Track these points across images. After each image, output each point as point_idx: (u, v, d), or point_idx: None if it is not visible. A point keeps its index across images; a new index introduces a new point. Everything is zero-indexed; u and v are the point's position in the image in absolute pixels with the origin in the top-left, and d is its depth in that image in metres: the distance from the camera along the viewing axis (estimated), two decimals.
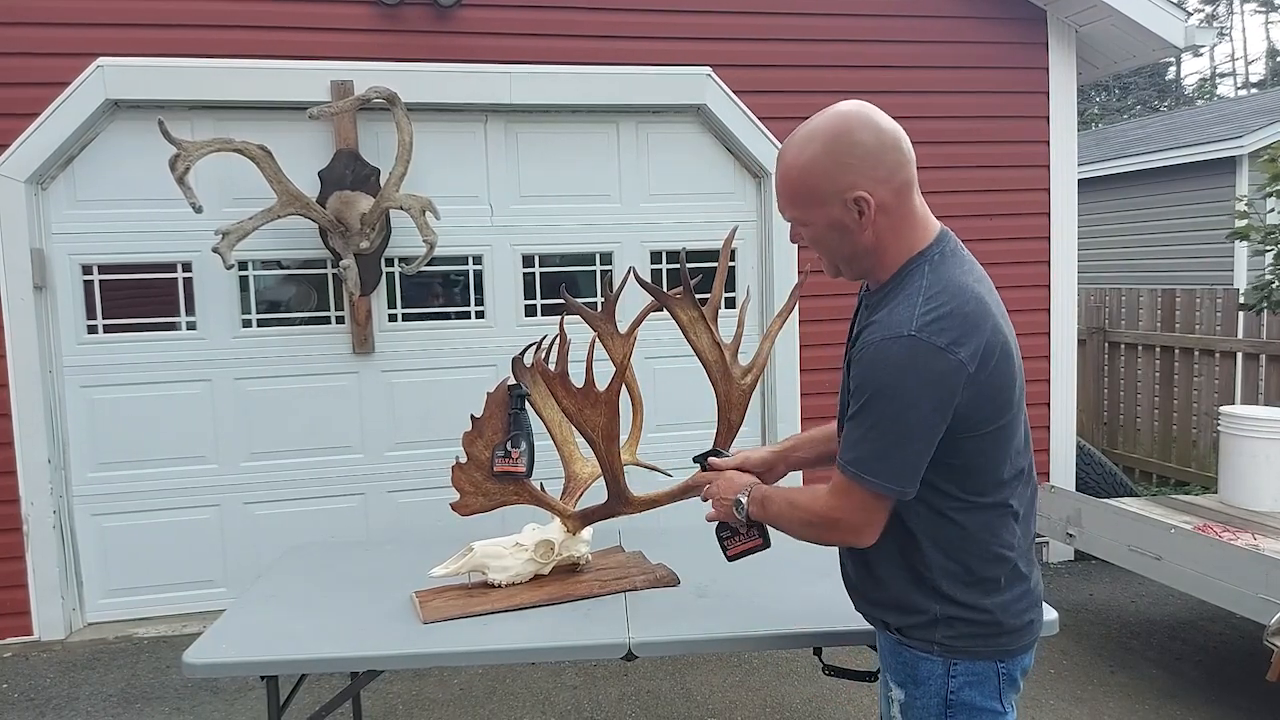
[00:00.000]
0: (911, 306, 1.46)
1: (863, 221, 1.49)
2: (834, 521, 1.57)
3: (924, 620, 1.57)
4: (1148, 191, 10.86)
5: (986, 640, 1.56)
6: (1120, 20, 4.67)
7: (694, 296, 2.12)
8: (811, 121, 1.52)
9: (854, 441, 1.51)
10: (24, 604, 4.15)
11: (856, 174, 1.47)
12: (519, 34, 4.38)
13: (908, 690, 1.60)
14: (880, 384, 1.45)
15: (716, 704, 3.49)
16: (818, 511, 1.61)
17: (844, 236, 1.53)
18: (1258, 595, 2.94)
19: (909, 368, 1.42)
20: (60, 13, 4.00)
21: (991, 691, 1.56)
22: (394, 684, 3.66)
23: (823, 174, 1.48)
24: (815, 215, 1.53)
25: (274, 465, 4.43)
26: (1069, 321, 5.05)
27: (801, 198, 1.53)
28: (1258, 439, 3.92)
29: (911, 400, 1.43)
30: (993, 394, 1.47)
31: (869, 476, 1.49)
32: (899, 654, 1.62)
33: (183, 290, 4.30)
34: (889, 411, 1.45)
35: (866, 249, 1.54)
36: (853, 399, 1.51)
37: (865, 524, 1.54)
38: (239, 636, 2.15)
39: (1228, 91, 29.25)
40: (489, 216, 4.56)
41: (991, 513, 1.54)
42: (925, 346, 1.42)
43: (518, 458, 2.30)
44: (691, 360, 2.21)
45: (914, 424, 1.45)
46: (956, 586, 1.54)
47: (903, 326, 1.44)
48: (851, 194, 1.47)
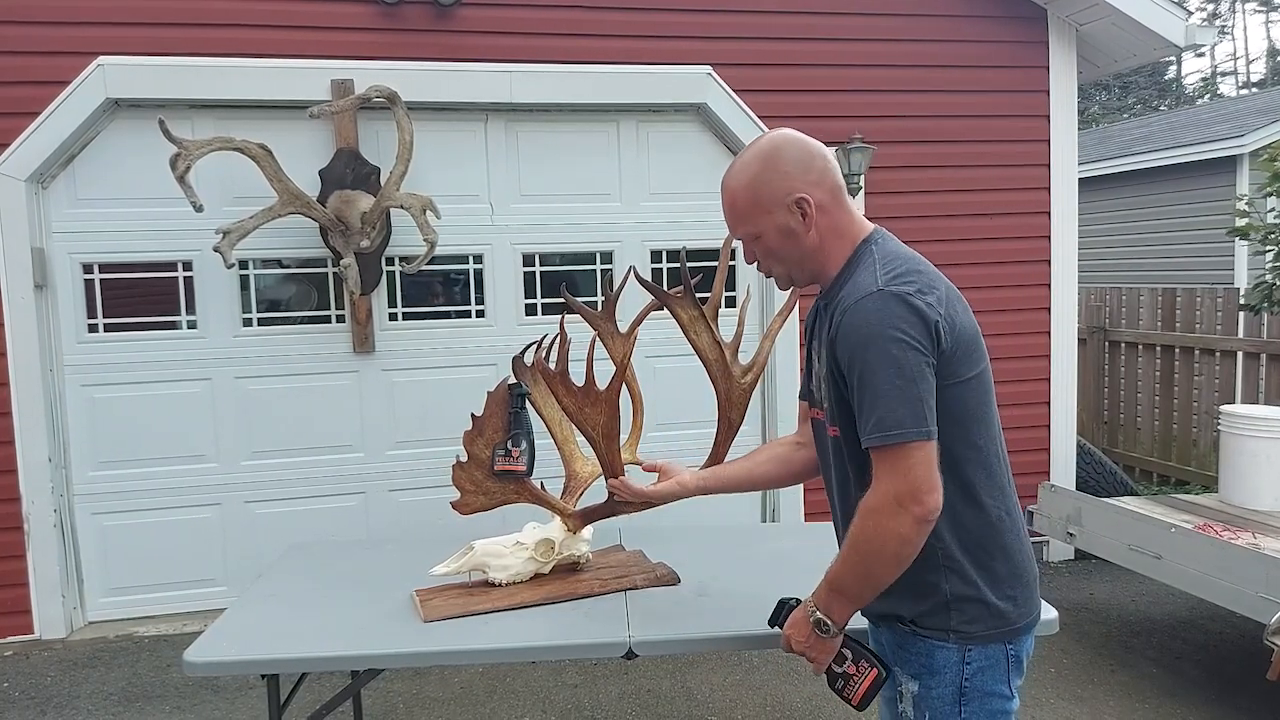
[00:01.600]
0: (871, 272, 1.57)
1: (806, 222, 1.63)
2: (895, 498, 1.48)
3: (937, 603, 1.59)
4: (1148, 191, 10.85)
5: (994, 621, 1.59)
6: (1121, 19, 4.67)
7: (694, 295, 2.12)
8: (743, 152, 1.70)
9: (868, 413, 1.50)
10: (25, 602, 4.15)
11: (794, 180, 1.63)
12: (519, 33, 4.38)
13: (922, 681, 1.61)
14: (865, 340, 1.50)
15: (717, 703, 3.50)
16: (875, 507, 1.51)
17: (792, 240, 1.65)
18: (1258, 594, 2.94)
19: (886, 316, 1.50)
20: (61, 12, 4.00)
21: (1001, 676, 1.61)
22: (394, 683, 3.67)
23: (765, 184, 1.64)
24: (765, 224, 1.65)
25: (274, 464, 4.43)
26: (1069, 321, 5.05)
27: (751, 211, 1.66)
28: (1258, 438, 3.92)
29: (898, 346, 1.48)
30: (965, 339, 1.56)
31: (895, 431, 1.47)
32: (912, 645, 1.63)
33: (183, 289, 4.30)
34: (882, 363, 1.48)
35: (813, 249, 1.66)
36: (846, 375, 1.54)
37: (924, 478, 1.48)
38: (240, 635, 2.15)
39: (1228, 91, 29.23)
40: (489, 215, 4.56)
41: (992, 480, 1.61)
42: (896, 296, 1.51)
43: (518, 456, 2.30)
44: (692, 359, 2.21)
45: (909, 367, 1.48)
46: (967, 560, 1.58)
47: (869, 286, 1.54)
48: (792, 197, 1.62)
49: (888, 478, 1.50)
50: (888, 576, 1.54)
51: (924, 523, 1.50)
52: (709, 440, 2.26)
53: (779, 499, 4.84)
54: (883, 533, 1.51)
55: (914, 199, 4.65)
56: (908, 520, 1.49)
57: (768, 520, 4.90)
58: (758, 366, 2.23)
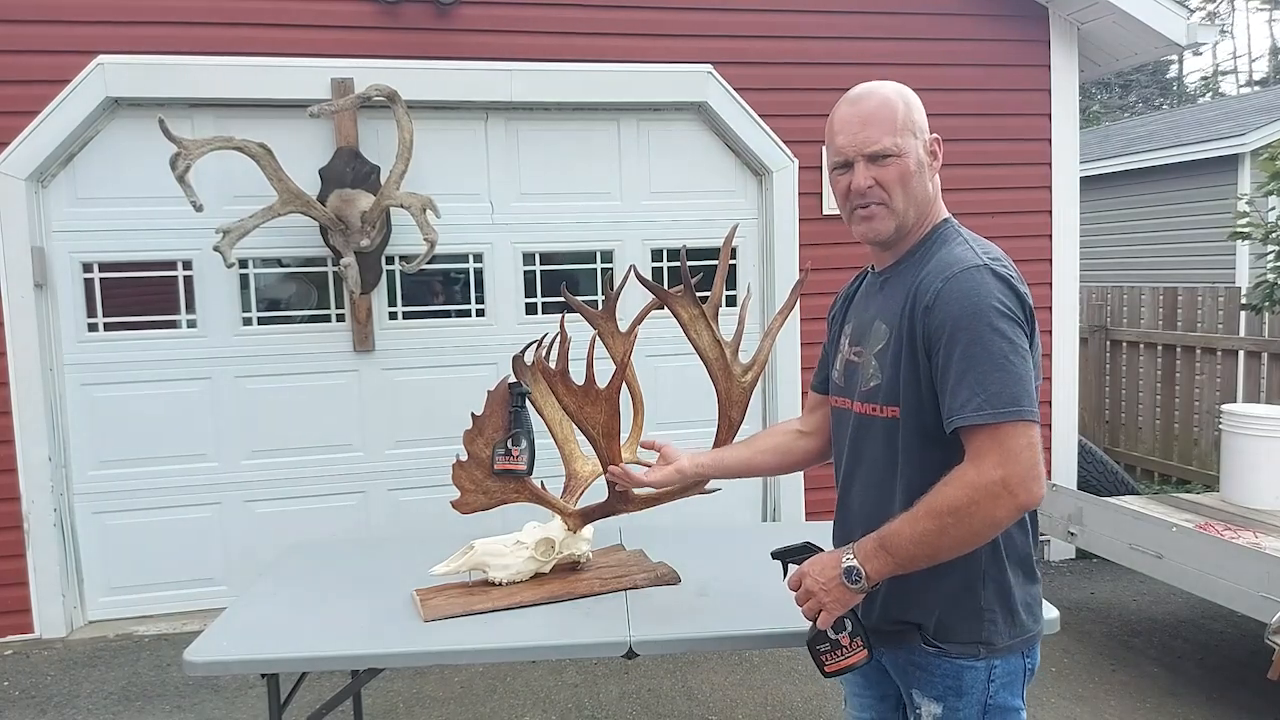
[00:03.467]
0: (967, 248, 1.51)
1: (934, 165, 1.58)
2: (1001, 481, 1.37)
3: (971, 610, 1.52)
4: (1149, 189, 10.84)
5: (1017, 630, 1.55)
6: (1122, 18, 4.66)
7: (695, 294, 2.12)
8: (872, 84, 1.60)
9: (974, 387, 1.39)
10: (25, 602, 4.15)
11: (925, 122, 1.58)
12: (519, 31, 4.38)
13: (947, 703, 1.55)
14: (974, 311, 1.41)
15: (717, 702, 3.49)
16: (975, 484, 1.38)
17: (920, 177, 1.57)
18: (1259, 593, 2.94)
19: (996, 292, 1.43)
20: (61, 10, 3.99)
21: (1018, 689, 1.58)
22: (395, 682, 3.66)
23: (918, 110, 1.57)
24: (911, 146, 1.56)
25: (274, 463, 4.43)
26: (1071, 319, 5.05)
27: (900, 125, 1.55)
28: (1259, 437, 3.91)
29: (1009, 324, 1.42)
30: (1038, 343, 1.51)
31: (1010, 408, 1.37)
32: (936, 668, 1.55)
33: (183, 288, 4.30)
34: (994, 337, 1.40)
35: (928, 199, 1.59)
36: (943, 347, 1.43)
37: (1032, 465, 1.38)
38: (240, 634, 2.15)
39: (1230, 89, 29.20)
40: (489, 214, 4.56)
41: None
42: (1001, 275, 1.45)
43: (518, 456, 2.29)
44: (692, 358, 2.20)
45: (1018, 347, 1.41)
46: (1009, 566, 1.54)
47: (971, 260, 1.47)
48: (931, 135, 1.58)
49: (995, 457, 1.37)
50: (950, 553, 1.43)
51: (1021, 513, 1.41)
52: (709, 439, 2.26)
53: (779, 498, 4.84)
54: (977, 511, 1.39)
55: None
56: (1009, 507, 1.39)
57: (768, 520, 4.90)
58: (758, 365, 2.22)
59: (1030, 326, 1.46)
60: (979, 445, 1.40)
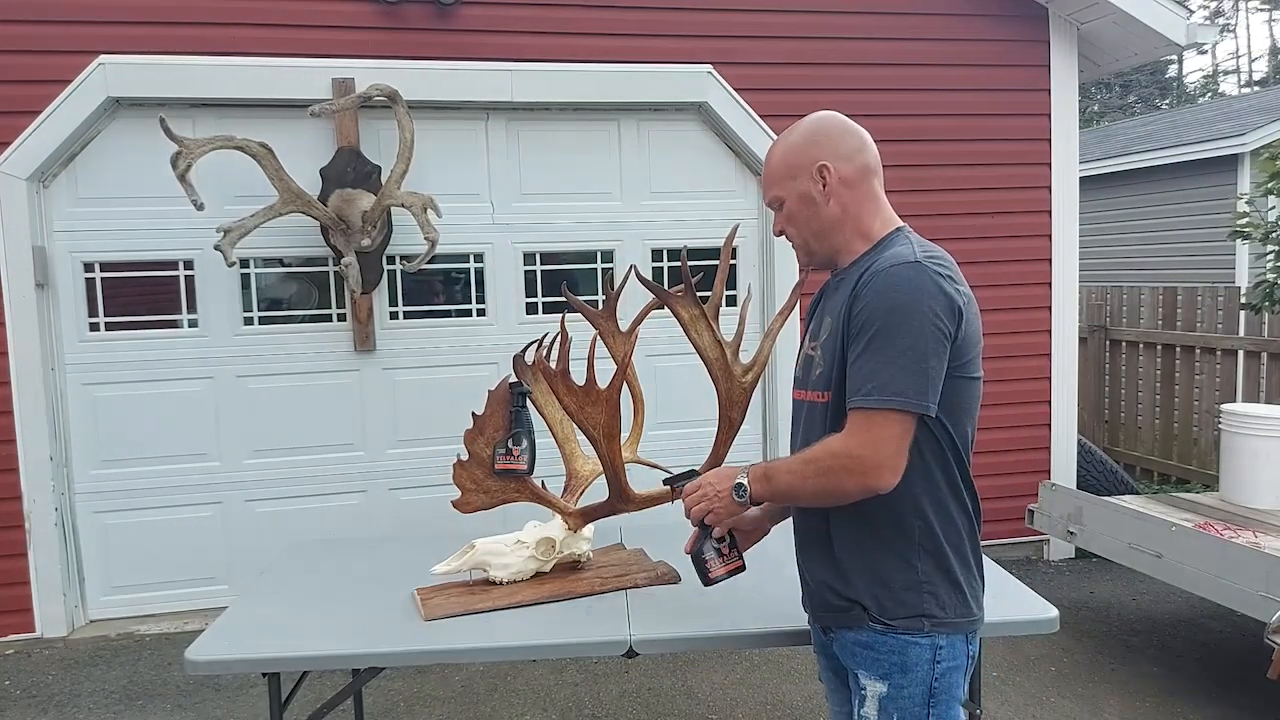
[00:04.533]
0: (909, 247, 1.59)
1: (825, 191, 1.67)
2: (857, 459, 1.51)
3: (909, 582, 1.59)
4: (1149, 189, 10.84)
5: (963, 609, 1.61)
6: (1122, 18, 4.66)
7: (695, 294, 2.12)
8: (790, 127, 1.77)
9: (869, 372, 1.52)
10: (26, 601, 4.16)
11: (821, 150, 1.68)
12: (520, 32, 4.38)
13: (892, 680, 1.60)
14: (893, 305, 1.51)
15: (717, 701, 3.50)
16: (836, 453, 1.54)
17: (811, 207, 1.70)
18: (1258, 593, 2.94)
19: (921, 288, 1.51)
20: (62, 10, 4.00)
21: (960, 679, 1.64)
22: (395, 681, 3.67)
23: (796, 151, 1.71)
24: (788, 189, 1.71)
25: (276, 463, 4.43)
26: (1070, 319, 5.05)
27: (778, 175, 1.73)
28: (1258, 437, 3.91)
29: (926, 319, 1.50)
30: (973, 340, 1.59)
31: (893, 396, 1.49)
32: (882, 645, 1.61)
33: (184, 288, 4.30)
34: (905, 330, 1.49)
35: (834, 221, 1.70)
36: (858, 334, 1.55)
37: (891, 455, 1.51)
38: (241, 633, 2.15)
39: (1230, 89, 29.19)
40: (490, 214, 4.56)
41: (969, 477, 1.64)
42: (932, 273, 1.53)
43: (519, 455, 2.30)
44: (693, 358, 2.21)
45: (930, 341, 1.50)
46: (945, 542, 1.60)
47: (907, 256, 1.56)
48: (816, 165, 1.67)
49: (861, 437, 1.52)
50: (809, 501, 1.65)
51: (868, 494, 1.54)
52: (710, 439, 2.26)
53: None
54: (830, 475, 1.55)
55: (915, 198, 4.63)
56: (856, 485, 1.53)
57: None
58: (759, 365, 2.23)
59: (956, 326, 1.53)
60: (854, 422, 1.54)
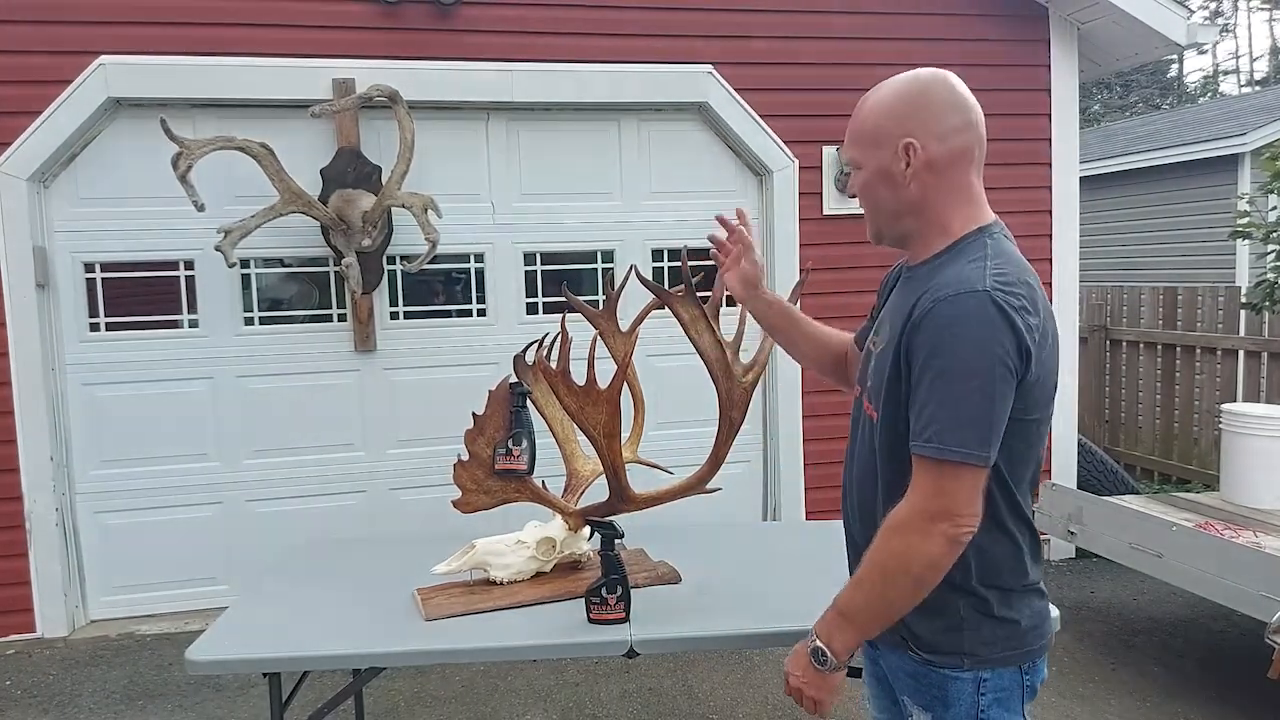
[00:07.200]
0: (980, 268, 1.41)
1: (908, 172, 1.49)
2: (933, 515, 1.37)
3: (951, 622, 1.49)
4: (1150, 189, 10.83)
5: (1010, 641, 1.50)
6: (1122, 18, 4.66)
7: (695, 294, 2.13)
8: (897, 77, 1.54)
9: (929, 416, 1.37)
10: (27, 601, 4.16)
11: (915, 123, 1.48)
12: (520, 32, 4.38)
13: (935, 713, 1.52)
14: (955, 340, 1.36)
15: (718, 701, 3.50)
16: (904, 527, 1.40)
17: (890, 187, 1.52)
18: (1259, 593, 2.94)
19: (986, 324, 1.35)
20: (62, 10, 4.00)
21: (1016, 706, 1.53)
22: (396, 681, 3.67)
23: (886, 114, 1.50)
24: (869, 157, 1.53)
25: (276, 463, 4.44)
26: (1070, 319, 5.05)
27: (862, 136, 1.54)
28: (1259, 437, 3.91)
29: (991, 360, 1.35)
30: (1044, 378, 1.43)
31: (956, 448, 1.35)
32: (925, 677, 1.53)
33: (185, 288, 4.30)
34: (968, 372, 1.35)
35: (911, 205, 1.52)
36: (919, 370, 1.40)
37: (968, 503, 1.37)
38: (241, 634, 2.15)
39: (1231, 89, 29.18)
40: (490, 214, 4.56)
41: (1019, 511, 1.51)
42: (1000, 304, 1.36)
43: (519, 455, 2.30)
44: (693, 358, 2.21)
45: (994, 385, 1.35)
46: (984, 586, 1.49)
47: (975, 283, 1.38)
48: (903, 139, 1.48)
49: (925, 493, 1.38)
50: (905, 604, 1.43)
51: (955, 544, 1.39)
52: (710, 439, 2.26)
53: (779, 498, 4.84)
54: (909, 552, 1.39)
55: None
56: (939, 540, 1.38)
57: (768, 519, 4.90)
58: (759, 366, 2.23)
59: (1025, 362, 1.38)
60: (917, 476, 1.40)
